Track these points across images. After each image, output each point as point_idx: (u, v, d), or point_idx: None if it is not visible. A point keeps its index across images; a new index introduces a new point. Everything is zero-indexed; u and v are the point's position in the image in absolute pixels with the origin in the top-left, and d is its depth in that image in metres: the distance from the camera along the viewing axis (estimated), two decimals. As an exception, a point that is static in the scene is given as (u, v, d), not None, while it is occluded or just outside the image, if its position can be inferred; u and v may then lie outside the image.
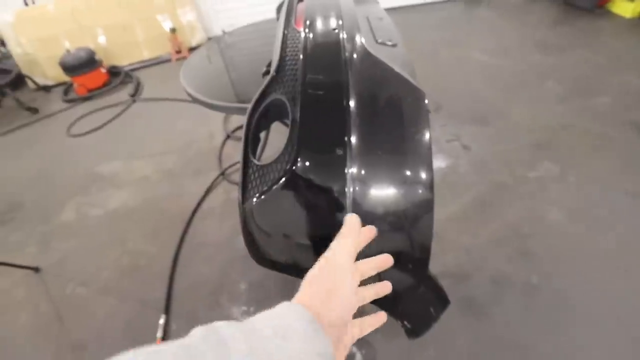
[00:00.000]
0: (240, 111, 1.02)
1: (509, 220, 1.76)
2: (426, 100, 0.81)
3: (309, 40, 0.90)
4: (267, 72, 0.99)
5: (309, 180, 0.70)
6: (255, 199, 0.72)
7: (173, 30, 3.64)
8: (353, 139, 0.71)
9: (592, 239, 1.64)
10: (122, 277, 1.74)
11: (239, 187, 0.76)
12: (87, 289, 1.70)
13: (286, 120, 0.82)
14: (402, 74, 0.86)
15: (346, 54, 0.86)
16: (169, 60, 3.79)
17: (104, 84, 3.45)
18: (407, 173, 0.73)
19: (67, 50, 3.30)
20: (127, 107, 3.12)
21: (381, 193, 0.71)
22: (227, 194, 2.10)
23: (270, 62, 0.98)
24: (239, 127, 2.60)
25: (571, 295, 1.46)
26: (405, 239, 0.75)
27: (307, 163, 0.70)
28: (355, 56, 0.87)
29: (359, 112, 0.75)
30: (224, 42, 1.68)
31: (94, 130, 2.86)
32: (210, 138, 2.57)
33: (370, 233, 0.52)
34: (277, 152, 0.73)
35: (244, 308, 1.51)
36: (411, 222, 0.73)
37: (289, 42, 0.96)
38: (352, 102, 0.76)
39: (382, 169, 0.72)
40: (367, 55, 0.89)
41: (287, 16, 1.10)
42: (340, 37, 0.91)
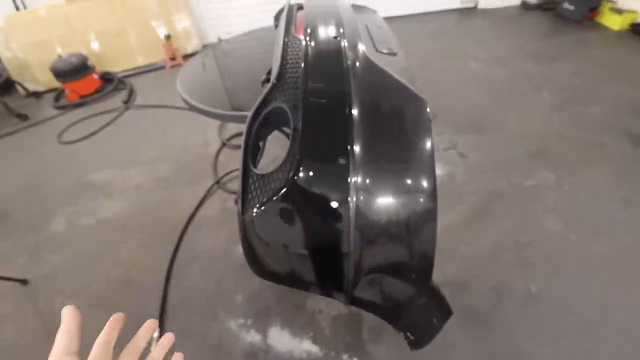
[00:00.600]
0: (239, 119, 1.00)
1: (507, 229, 1.75)
2: (428, 109, 0.80)
3: (310, 48, 0.89)
4: (267, 80, 0.97)
5: (311, 190, 0.68)
6: (255, 210, 0.70)
7: (168, 36, 3.62)
8: (356, 147, 0.69)
9: (589, 246, 1.65)
10: (114, 290, 1.69)
11: (238, 198, 0.74)
12: (78, 302, 1.64)
13: (286, 128, 0.80)
14: (404, 82, 0.85)
15: (348, 62, 0.84)
16: (163, 67, 3.77)
17: (97, 90, 3.41)
18: (410, 182, 0.71)
19: (59, 55, 3.26)
20: (120, 114, 3.07)
21: (385, 202, 0.69)
22: (222, 202, 2.06)
23: (270, 69, 0.96)
24: (235, 134, 2.57)
25: (570, 303, 1.45)
26: (409, 248, 0.73)
27: (310, 172, 0.68)
28: (357, 64, 0.85)
29: (362, 120, 0.73)
30: (221, 50, 1.67)
31: (85, 137, 2.81)
32: (206, 146, 2.54)
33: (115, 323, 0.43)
34: (272, 160, 0.71)
35: (241, 321, 1.46)
36: (414, 231, 0.72)
37: (289, 49, 0.94)
38: (355, 111, 0.74)
39: (386, 178, 0.70)
40: (369, 64, 0.87)
41: (287, 24, 1.09)
42: (342, 45, 0.89)
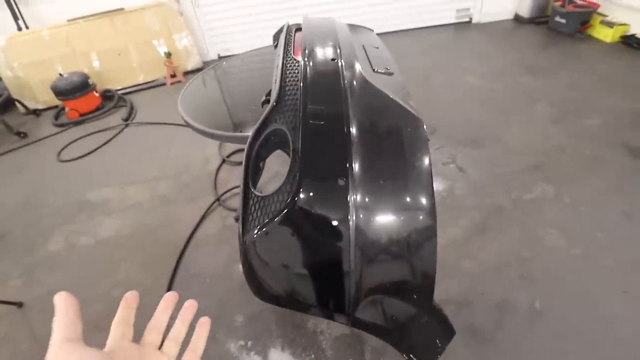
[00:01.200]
0: (240, 140, 1.01)
1: (509, 244, 1.74)
2: (425, 127, 0.81)
3: (308, 70, 0.90)
4: (266, 102, 0.98)
5: (312, 211, 0.68)
6: (256, 232, 0.70)
7: (168, 54, 3.67)
8: (355, 167, 0.69)
9: (591, 260, 1.63)
10: (113, 311, 1.63)
11: (239, 220, 0.74)
12: (75, 323, 1.62)
13: (287, 149, 0.80)
14: (400, 102, 0.86)
15: (345, 82, 0.85)
16: (164, 84, 3.81)
17: (97, 108, 3.44)
18: (409, 200, 0.71)
19: (60, 74, 3.30)
20: (120, 132, 3.09)
21: (384, 220, 0.69)
22: (222, 220, 2.05)
23: (269, 91, 0.97)
24: (235, 151, 2.58)
25: (575, 319, 1.43)
26: (410, 267, 0.72)
27: (310, 194, 0.68)
28: (354, 84, 0.86)
29: (360, 140, 0.74)
30: (222, 69, 1.69)
31: (85, 155, 2.81)
32: (206, 163, 2.55)
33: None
34: (273, 175, 0.72)
35: (241, 342, 1.44)
36: (415, 248, 0.71)
37: (288, 71, 0.95)
38: (353, 131, 0.75)
39: (385, 197, 0.70)
40: (366, 84, 0.88)
41: (285, 45, 1.11)
42: (339, 66, 0.91)
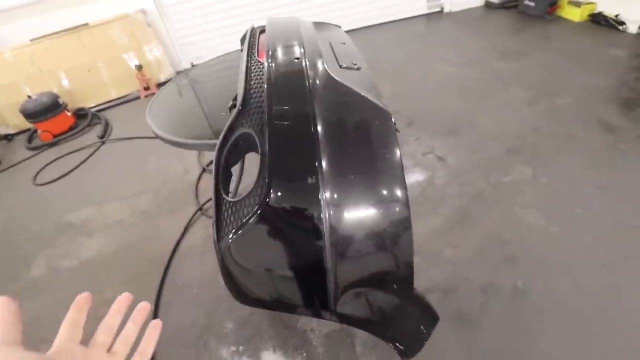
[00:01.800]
0: (209, 147, 1.00)
1: (490, 228, 1.78)
2: (393, 120, 0.82)
3: (272, 71, 0.90)
4: (233, 106, 0.97)
5: (284, 210, 0.68)
6: (231, 236, 0.70)
7: (139, 67, 3.61)
8: (323, 164, 0.70)
9: (571, 236, 1.68)
10: None
11: (212, 226, 0.74)
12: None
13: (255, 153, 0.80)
14: (367, 96, 0.86)
15: (310, 81, 0.85)
16: (138, 98, 3.75)
17: (70, 128, 3.36)
18: (381, 193, 0.72)
19: (29, 96, 3.20)
20: (96, 150, 3.03)
21: (357, 215, 0.70)
22: (206, 229, 2.03)
23: (236, 95, 0.97)
24: (214, 159, 2.55)
25: (557, 295, 1.47)
26: (386, 259, 0.73)
27: (280, 194, 0.69)
28: (319, 82, 0.87)
29: (327, 138, 0.74)
30: (190, 77, 1.67)
31: (61, 177, 2.75)
32: (185, 173, 2.52)
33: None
34: (253, 183, 0.71)
35: (233, 348, 1.43)
36: (391, 241, 0.72)
37: (252, 74, 0.95)
38: (319, 129, 0.75)
39: (356, 191, 0.71)
40: (331, 81, 0.89)
41: (249, 48, 1.10)
42: (304, 65, 0.91)
